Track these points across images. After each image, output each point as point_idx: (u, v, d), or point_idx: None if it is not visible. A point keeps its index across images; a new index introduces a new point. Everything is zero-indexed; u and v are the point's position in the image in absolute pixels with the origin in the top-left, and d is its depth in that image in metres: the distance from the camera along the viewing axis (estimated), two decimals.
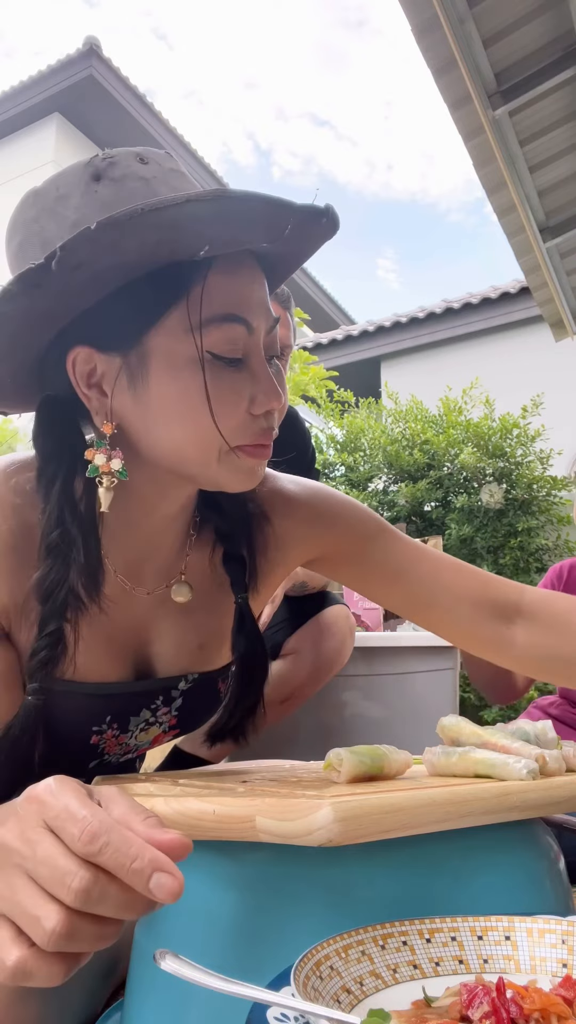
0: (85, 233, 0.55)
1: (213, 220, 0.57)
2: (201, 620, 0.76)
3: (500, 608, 0.83)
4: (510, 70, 2.59)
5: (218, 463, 0.65)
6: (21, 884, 0.38)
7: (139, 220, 0.55)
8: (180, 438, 0.64)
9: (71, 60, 8.66)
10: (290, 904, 0.53)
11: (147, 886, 0.37)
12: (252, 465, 0.66)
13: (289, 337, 1.59)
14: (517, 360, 6.78)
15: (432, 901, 0.54)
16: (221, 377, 0.63)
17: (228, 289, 0.62)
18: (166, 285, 0.61)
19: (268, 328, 0.66)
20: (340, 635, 1.62)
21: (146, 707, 0.74)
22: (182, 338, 0.61)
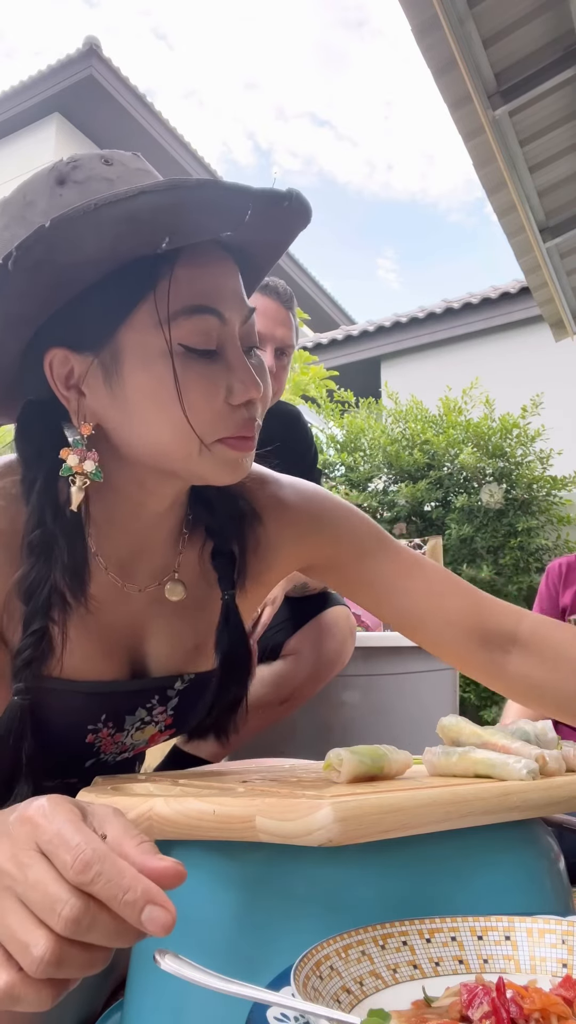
0: (39, 232, 0.55)
1: (170, 211, 0.56)
2: (195, 619, 0.76)
3: (493, 636, 0.81)
4: (510, 70, 2.59)
5: (199, 456, 0.64)
6: (11, 907, 0.37)
7: (92, 215, 0.54)
8: (158, 434, 0.63)
9: (71, 60, 8.66)
10: (290, 904, 0.53)
11: (139, 919, 0.36)
12: (236, 457, 0.65)
13: (291, 337, 1.59)
14: (517, 360, 6.78)
15: (432, 901, 0.54)
16: (195, 369, 0.62)
17: (197, 281, 0.62)
18: (133, 280, 0.61)
19: (243, 319, 0.65)
20: (341, 636, 1.62)
21: (142, 706, 0.73)
22: (152, 333, 0.61)
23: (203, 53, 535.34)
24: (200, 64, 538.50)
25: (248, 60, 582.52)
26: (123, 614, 0.72)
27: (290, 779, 0.67)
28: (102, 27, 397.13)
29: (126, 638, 0.73)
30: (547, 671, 0.79)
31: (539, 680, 0.80)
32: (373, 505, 4.51)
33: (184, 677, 0.76)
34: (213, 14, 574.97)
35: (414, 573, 0.82)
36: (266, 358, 1.54)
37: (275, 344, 1.55)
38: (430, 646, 0.84)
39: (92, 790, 0.64)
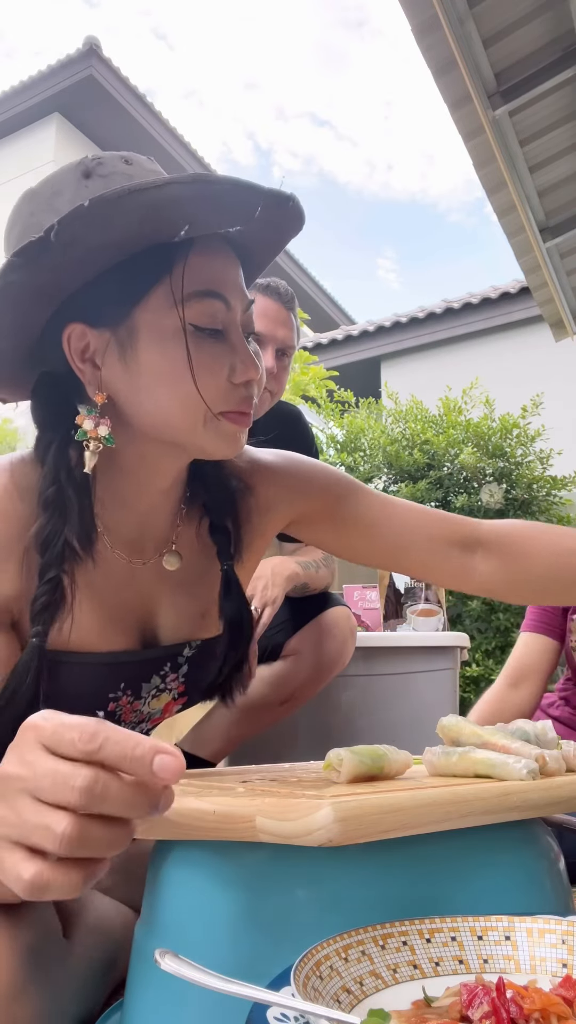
0: (78, 210, 0.60)
1: (191, 201, 0.63)
2: (196, 590, 0.81)
3: (462, 541, 0.91)
4: (510, 70, 2.59)
5: (203, 428, 0.70)
6: (26, 804, 0.39)
7: (127, 199, 0.60)
8: (166, 405, 0.69)
9: (71, 60, 8.66)
10: (290, 904, 0.53)
11: (151, 770, 0.37)
12: (234, 431, 0.71)
13: (292, 338, 1.59)
14: (517, 360, 6.78)
15: (432, 901, 0.54)
16: (203, 347, 0.68)
17: (207, 269, 0.68)
18: (151, 264, 0.67)
19: (243, 308, 0.72)
20: (341, 636, 1.62)
21: (156, 674, 0.78)
22: (167, 312, 0.67)
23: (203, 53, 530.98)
24: (200, 64, 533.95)
25: (248, 60, 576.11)
26: (131, 589, 0.77)
27: (290, 779, 0.67)
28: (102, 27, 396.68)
29: (135, 611, 0.77)
30: (510, 563, 0.90)
31: (505, 574, 0.90)
32: None
33: (191, 644, 0.80)
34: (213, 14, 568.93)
35: (387, 504, 0.91)
36: (267, 358, 1.54)
37: (276, 345, 1.55)
38: (414, 566, 0.92)
39: None
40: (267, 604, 1.46)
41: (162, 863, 0.61)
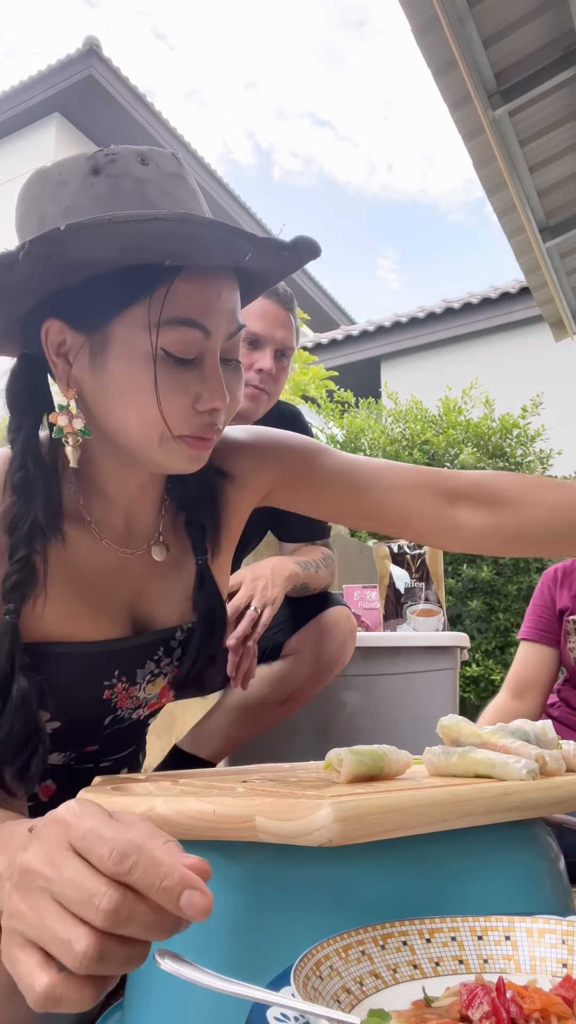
0: (52, 233, 0.60)
1: (176, 239, 0.62)
2: (181, 576, 0.83)
3: (443, 493, 0.88)
4: (510, 70, 2.59)
5: (159, 447, 0.70)
6: (48, 908, 0.38)
7: (105, 229, 0.60)
8: (125, 420, 0.70)
9: (71, 60, 8.65)
10: (290, 904, 0.53)
11: (177, 904, 0.37)
12: (192, 454, 0.72)
13: (291, 339, 1.59)
14: (517, 360, 6.79)
15: (432, 901, 0.54)
16: (171, 373, 0.68)
17: (193, 295, 0.67)
18: (135, 281, 0.66)
19: (229, 334, 0.71)
20: (341, 636, 1.62)
21: (150, 659, 0.79)
22: (141, 332, 0.67)
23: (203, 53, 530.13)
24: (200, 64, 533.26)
25: (248, 60, 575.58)
26: (122, 577, 0.79)
27: (290, 779, 0.67)
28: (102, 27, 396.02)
29: (127, 599, 0.79)
30: (496, 514, 0.87)
31: (491, 525, 0.87)
32: None
33: (183, 627, 0.82)
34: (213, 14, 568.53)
35: (359, 461, 0.91)
36: (265, 359, 1.54)
37: (275, 346, 1.55)
38: (395, 522, 0.91)
39: (92, 790, 0.64)
40: (267, 604, 1.46)
41: None
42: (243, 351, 1.54)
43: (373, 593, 2.44)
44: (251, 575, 1.49)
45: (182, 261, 0.65)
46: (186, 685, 0.83)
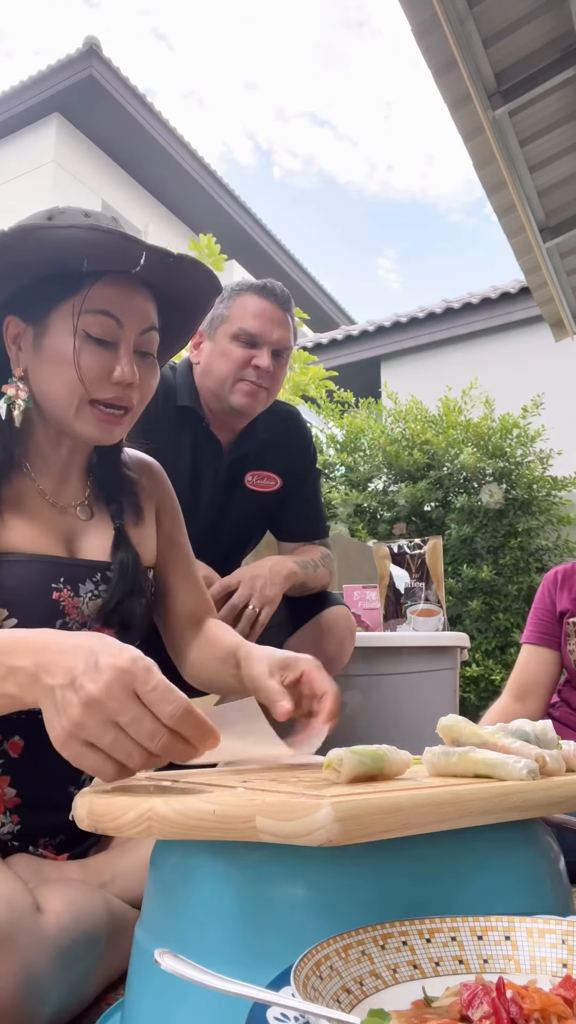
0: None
1: (84, 243, 0.84)
2: (106, 533, 1.01)
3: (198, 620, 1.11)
4: (510, 70, 2.59)
5: (77, 413, 0.91)
6: (114, 733, 0.59)
7: (36, 232, 0.84)
8: (56, 387, 0.90)
9: (71, 60, 8.65)
10: (290, 904, 0.53)
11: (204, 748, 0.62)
12: (102, 425, 0.92)
13: (289, 339, 1.59)
14: (517, 360, 6.79)
15: (432, 901, 0.54)
16: (91, 350, 0.89)
17: (109, 294, 0.90)
18: (67, 282, 0.89)
19: (140, 330, 0.92)
20: (340, 636, 1.62)
21: (89, 579, 0.95)
22: (70, 318, 0.89)
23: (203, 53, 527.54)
24: (200, 64, 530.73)
25: (248, 60, 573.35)
26: (57, 523, 0.97)
27: (290, 779, 0.67)
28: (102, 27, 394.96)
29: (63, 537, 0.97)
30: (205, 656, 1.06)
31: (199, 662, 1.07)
32: (373, 505, 4.51)
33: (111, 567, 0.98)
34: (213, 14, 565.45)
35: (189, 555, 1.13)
36: (263, 358, 1.54)
37: (272, 345, 1.55)
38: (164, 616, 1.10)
39: (92, 789, 0.64)
40: (265, 603, 1.46)
41: (162, 863, 0.61)
42: (241, 349, 1.54)
43: (373, 593, 2.45)
44: (249, 574, 1.49)
45: (94, 264, 0.87)
46: (111, 614, 0.95)
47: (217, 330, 1.57)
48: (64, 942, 0.71)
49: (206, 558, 1.52)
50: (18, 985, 0.65)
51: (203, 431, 1.59)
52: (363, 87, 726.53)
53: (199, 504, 1.58)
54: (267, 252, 10.90)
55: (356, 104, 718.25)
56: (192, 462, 1.59)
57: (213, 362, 1.56)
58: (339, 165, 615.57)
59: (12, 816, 0.89)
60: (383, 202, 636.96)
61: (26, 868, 0.85)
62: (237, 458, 1.63)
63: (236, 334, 1.54)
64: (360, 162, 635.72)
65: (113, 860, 0.90)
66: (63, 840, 0.93)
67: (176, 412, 1.58)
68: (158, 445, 1.53)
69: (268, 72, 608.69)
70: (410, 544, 2.36)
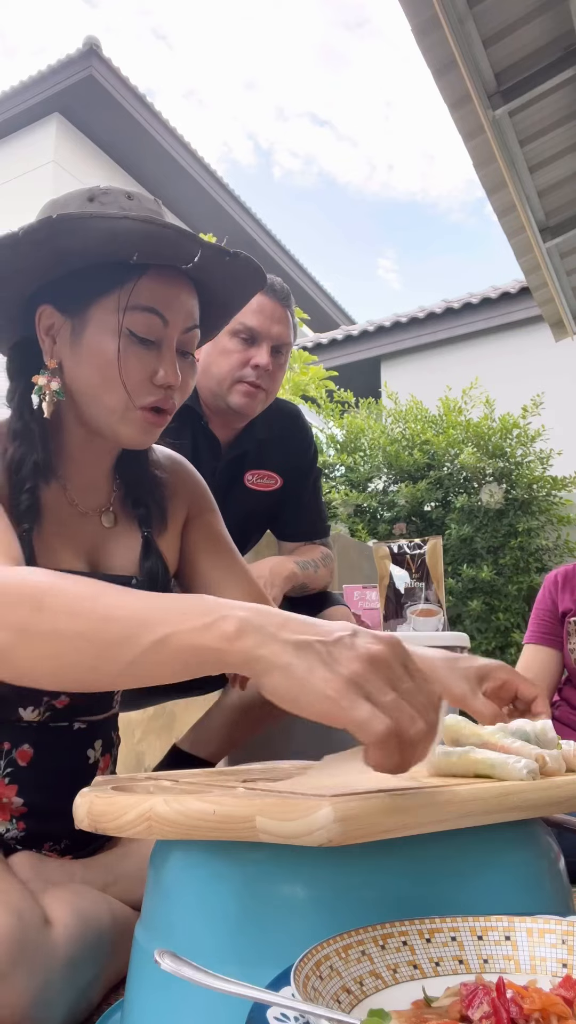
0: (46, 220, 0.77)
1: (140, 235, 0.79)
2: (131, 543, 0.97)
3: None
4: (510, 70, 2.59)
5: (121, 415, 0.86)
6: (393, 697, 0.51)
7: (88, 221, 0.78)
8: (96, 387, 0.85)
9: (71, 60, 8.65)
10: (290, 904, 0.53)
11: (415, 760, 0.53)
12: (146, 426, 0.87)
13: (288, 335, 1.59)
14: (517, 360, 6.78)
15: (432, 901, 0.54)
16: (134, 350, 0.84)
17: (156, 290, 0.84)
18: (111, 275, 0.83)
19: (184, 328, 0.87)
20: None
21: None
22: (112, 314, 0.84)
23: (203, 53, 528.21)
24: (200, 64, 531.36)
25: (248, 60, 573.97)
26: (80, 530, 0.93)
27: (291, 778, 0.67)
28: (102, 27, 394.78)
29: (84, 549, 0.92)
30: None
31: None
32: (373, 505, 4.51)
33: (137, 579, 0.94)
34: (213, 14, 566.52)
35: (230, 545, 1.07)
36: (262, 356, 1.53)
37: (272, 342, 1.55)
38: None
39: (92, 789, 0.64)
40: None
41: (162, 863, 0.61)
42: (239, 347, 1.53)
43: (373, 593, 2.44)
44: None
45: (145, 258, 0.82)
46: None
47: None
48: (72, 954, 0.70)
49: None
50: (31, 1001, 0.65)
51: (202, 430, 1.59)
52: (363, 87, 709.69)
53: None
54: (267, 252, 10.90)
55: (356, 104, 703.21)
56: (191, 461, 1.59)
57: (212, 361, 1.56)
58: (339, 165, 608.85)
59: (18, 823, 0.89)
60: (383, 202, 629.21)
61: (29, 868, 0.85)
62: (236, 457, 1.63)
63: (236, 330, 1.53)
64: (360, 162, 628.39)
65: (116, 862, 0.90)
66: (68, 845, 0.93)
67: None
68: (157, 443, 1.53)
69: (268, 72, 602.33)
70: (410, 544, 2.36)
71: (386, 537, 4.27)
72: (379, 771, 0.51)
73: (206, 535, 1.04)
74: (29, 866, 0.85)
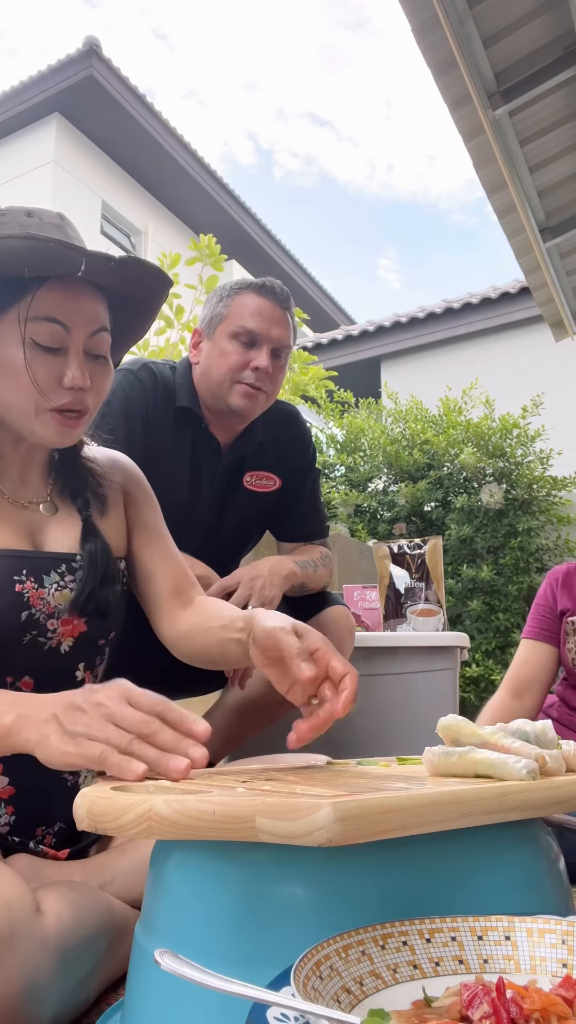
0: None
1: (22, 252, 0.85)
2: (72, 527, 1.02)
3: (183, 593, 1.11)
4: (510, 70, 2.59)
5: (35, 418, 0.91)
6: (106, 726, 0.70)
7: None
8: (8, 394, 0.91)
9: (71, 60, 8.66)
10: (290, 904, 0.53)
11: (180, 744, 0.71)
12: (61, 429, 0.93)
13: (288, 338, 1.58)
14: (517, 360, 6.79)
15: (432, 901, 0.54)
16: (40, 358, 0.90)
17: (55, 300, 0.89)
18: (10, 290, 0.89)
19: (89, 333, 0.92)
20: (340, 635, 1.62)
21: (54, 570, 0.96)
22: (17, 326, 0.89)
23: (203, 53, 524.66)
24: (200, 64, 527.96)
25: (248, 60, 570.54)
26: (22, 519, 0.98)
27: (290, 779, 0.67)
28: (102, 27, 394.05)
29: (27, 526, 0.98)
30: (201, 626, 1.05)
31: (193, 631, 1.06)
32: (373, 505, 4.51)
33: (79, 556, 0.99)
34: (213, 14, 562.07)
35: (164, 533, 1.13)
36: (262, 358, 1.53)
37: (271, 344, 1.54)
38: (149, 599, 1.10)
39: (92, 789, 0.64)
40: (264, 603, 1.46)
41: (162, 863, 0.61)
42: (239, 349, 1.53)
43: (373, 593, 2.45)
44: (249, 574, 1.49)
45: (35, 272, 0.87)
46: (85, 604, 0.96)
47: (216, 329, 1.56)
48: (65, 945, 0.70)
49: (205, 558, 1.52)
50: (19, 988, 0.65)
51: (202, 432, 1.59)
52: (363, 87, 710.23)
53: (198, 505, 1.58)
54: (267, 252, 10.90)
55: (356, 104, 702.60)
56: (191, 463, 1.59)
57: (212, 363, 1.56)
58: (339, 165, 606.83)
59: (7, 807, 0.89)
60: (383, 202, 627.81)
61: (27, 868, 0.85)
62: (236, 459, 1.62)
63: (235, 332, 1.53)
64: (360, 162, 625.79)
65: (113, 860, 0.90)
66: (62, 829, 0.93)
67: (175, 413, 1.58)
68: (157, 446, 1.53)
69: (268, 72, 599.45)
70: (410, 544, 2.36)
71: (386, 537, 4.27)
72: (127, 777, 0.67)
73: (139, 527, 1.11)
74: (25, 866, 0.85)
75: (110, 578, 1.00)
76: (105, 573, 0.99)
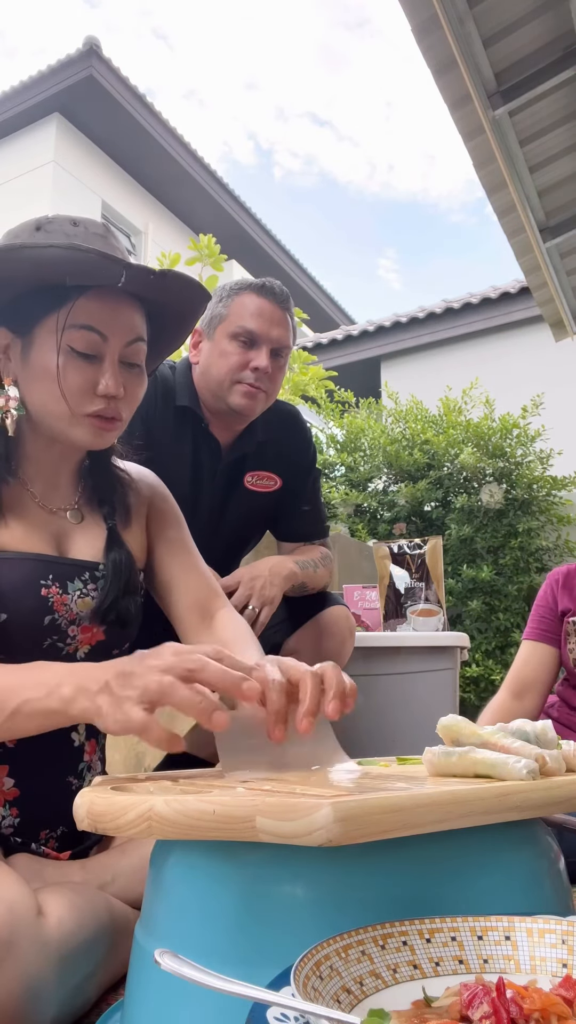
0: None
1: (64, 262, 0.86)
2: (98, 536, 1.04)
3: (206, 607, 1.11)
4: (510, 70, 2.59)
5: (70, 422, 0.93)
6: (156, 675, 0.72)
7: (16, 252, 0.86)
8: (43, 399, 0.93)
9: (71, 60, 8.65)
10: (290, 904, 0.53)
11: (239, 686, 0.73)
12: (96, 431, 0.94)
13: (288, 338, 1.58)
14: (517, 360, 6.78)
15: (432, 901, 0.54)
16: (75, 365, 0.92)
17: (93, 309, 0.91)
18: (51, 297, 0.91)
19: (126, 343, 0.94)
20: (340, 635, 1.62)
21: (78, 577, 0.97)
22: (54, 333, 0.91)
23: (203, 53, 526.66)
24: (200, 64, 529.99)
25: (248, 60, 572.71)
26: (50, 525, 1.00)
27: (290, 779, 0.67)
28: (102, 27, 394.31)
29: (53, 539, 0.99)
30: None
31: None
32: (373, 505, 4.51)
33: (103, 565, 1.00)
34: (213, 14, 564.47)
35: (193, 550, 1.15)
36: (261, 358, 1.53)
37: (271, 345, 1.54)
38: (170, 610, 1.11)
39: (92, 789, 0.64)
40: (265, 603, 1.46)
41: (162, 863, 0.61)
42: (238, 350, 1.53)
43: (373, 593, 2.45)
44: (249, 575, 1.49)
45: (75, 281, 0.89)
46: (107, 612, 0.98)
47: (216, 329, 1.57)
48: (66, 948, 0.70)
49: (205, 559, 1.52)
50: (20, 991, 0.65)
51: (202, 432, 1.59)
52: (363, 87, 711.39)
53: (198, 505, 1.58)
54: (267, 252, 10.90)
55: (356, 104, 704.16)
56: (191, 463, 1.59)
57: (212, 362, 1.56)
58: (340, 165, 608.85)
59: (12, 809, 0.90)
60: (383, 202, 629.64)
61: (27, 868, 0.85)
62: (236, 459, 1.63)
63: (235, 333, 1.53)
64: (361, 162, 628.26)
65: (114, 860, 0.90)
66: (64, 832, 0.93)
67: (175, 413, 1.58)
68: (157, 446, 1.53)
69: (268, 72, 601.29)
70: (410, 544, 2.36)
71: (386, 537, 4.27)
72: None
73: (163, 539, 1.12)
74: (26, 866, 0.85)
75: (132, 588, 1.01)
76: (127, 583, 1.00)
